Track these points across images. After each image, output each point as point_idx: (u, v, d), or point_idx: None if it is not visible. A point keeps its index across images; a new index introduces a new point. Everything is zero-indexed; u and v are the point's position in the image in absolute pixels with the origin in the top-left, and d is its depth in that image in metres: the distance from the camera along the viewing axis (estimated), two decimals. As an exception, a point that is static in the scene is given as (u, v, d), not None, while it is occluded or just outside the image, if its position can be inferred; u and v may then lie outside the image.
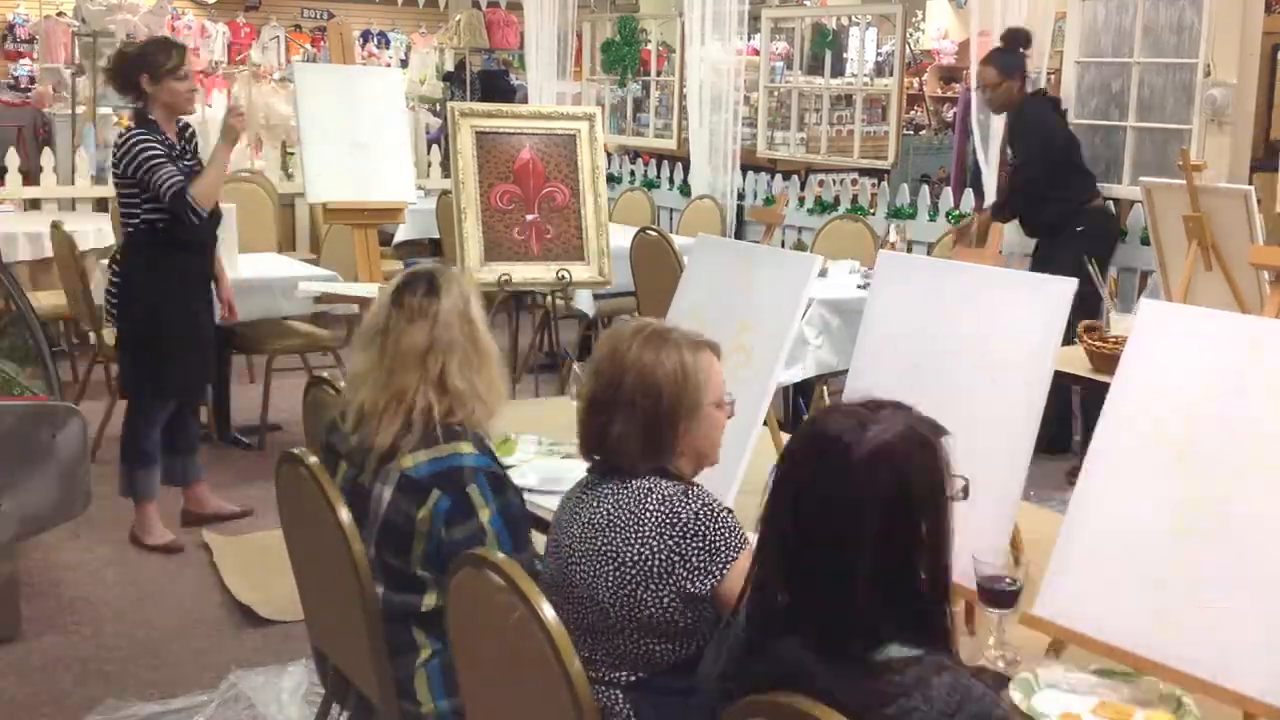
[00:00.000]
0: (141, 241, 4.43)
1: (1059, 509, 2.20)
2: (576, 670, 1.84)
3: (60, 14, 11.57)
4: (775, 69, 9.34)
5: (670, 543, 1.98)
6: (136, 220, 4.40)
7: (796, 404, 5.69)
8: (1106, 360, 3.85)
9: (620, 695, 2.01)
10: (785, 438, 2.89)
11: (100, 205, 7.70)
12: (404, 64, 13.24)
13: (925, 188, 7.14)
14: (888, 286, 2.58)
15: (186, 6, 13.84)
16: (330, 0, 15.62)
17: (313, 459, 2.44)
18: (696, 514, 1.99)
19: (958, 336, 2.38)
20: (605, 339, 2.14)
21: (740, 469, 2.61)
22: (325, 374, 3.08)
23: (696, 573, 1.97)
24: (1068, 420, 5.53)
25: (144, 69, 4.36)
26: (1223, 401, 1.99)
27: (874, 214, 7.13)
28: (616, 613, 1.99)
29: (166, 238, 4.41)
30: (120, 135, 4.46)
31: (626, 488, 2.05)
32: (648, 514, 2.01)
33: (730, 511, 2.05)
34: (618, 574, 1.99)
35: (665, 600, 1.97)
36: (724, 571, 1.97)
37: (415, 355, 2.41)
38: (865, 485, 1.51)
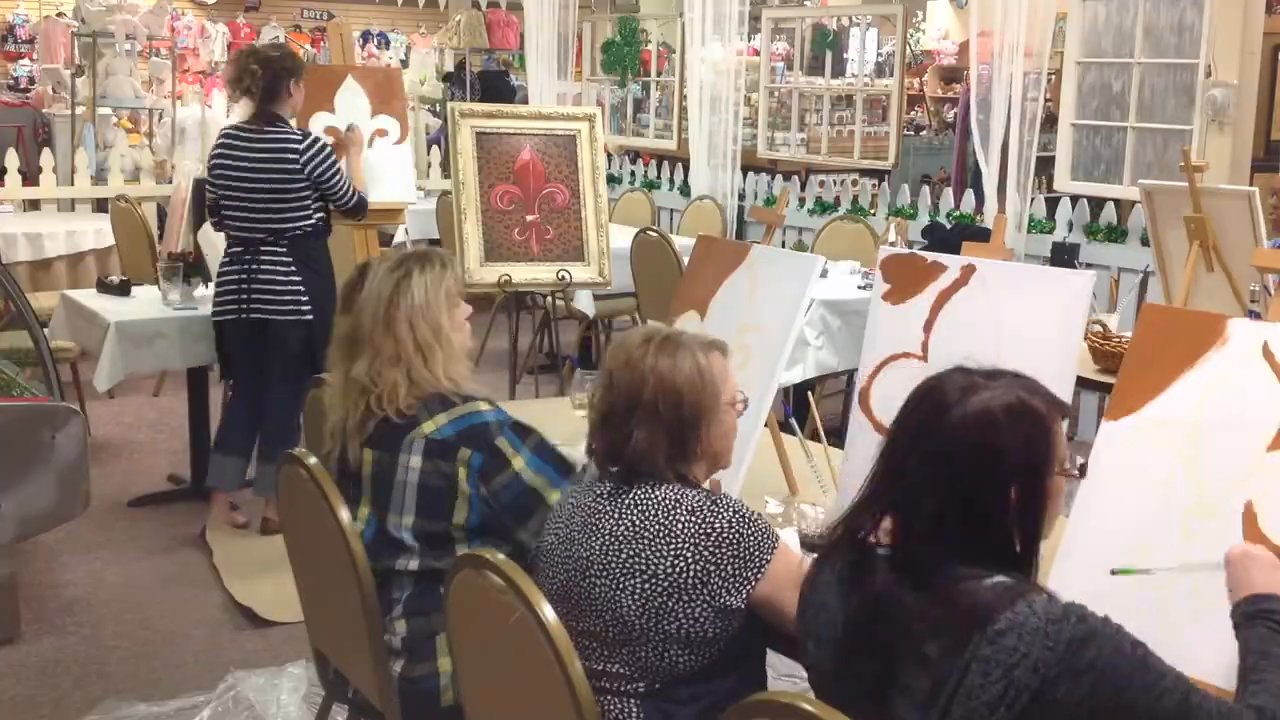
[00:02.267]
0: (314, 238, 4.58)
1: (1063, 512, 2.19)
2: (577, 672, 1.83)
3: (60, 14, 11.56)
4: (776, 69, 9.34)
5: (705, 553, 1.94)
6: (310, 218, 4.53)
7: (798, 405, 5.67)
8: (1109, 358, 3.85)
9: (635, 705, 1.99)
10: (785, 439, 2.90)
11: (100, 206, 7.69)
12: (404, 64, 13.23)
13: (926, 188, 7.14)
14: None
15: (186, 7, 13.83)
16: (330, 0, 15.60)
17: (312, 459, 2.44)
18: (730, 522, 1.96)
19: (972, 333, 2.37)
20: (616, 349, 2.10)
21: (742, 472, 2.60)
22: (325, 375, 3.07)
23: (731, 581, 1.94)
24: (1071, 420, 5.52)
25: (295, 74, 4.53)
26: (1228, 406, 1.99)
27: (874, 215, 7.12)
28: (642, 624, 1.95)
29: (323, 233, 4.64)
30: (300, 136, 4.51)
31: (652, 498, 2.01)
32: (678, 525, 1.97)
33: (760, 515, 2.02)
34: (647, 586, 1.95)
35: (697, 611, 1.94)
36: (759, 576, 1.95)
37: (344, 344, 2.50)
38: (956, 443, 1.58)
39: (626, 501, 2.02)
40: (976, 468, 1.57)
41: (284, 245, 4.50)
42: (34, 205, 7.76)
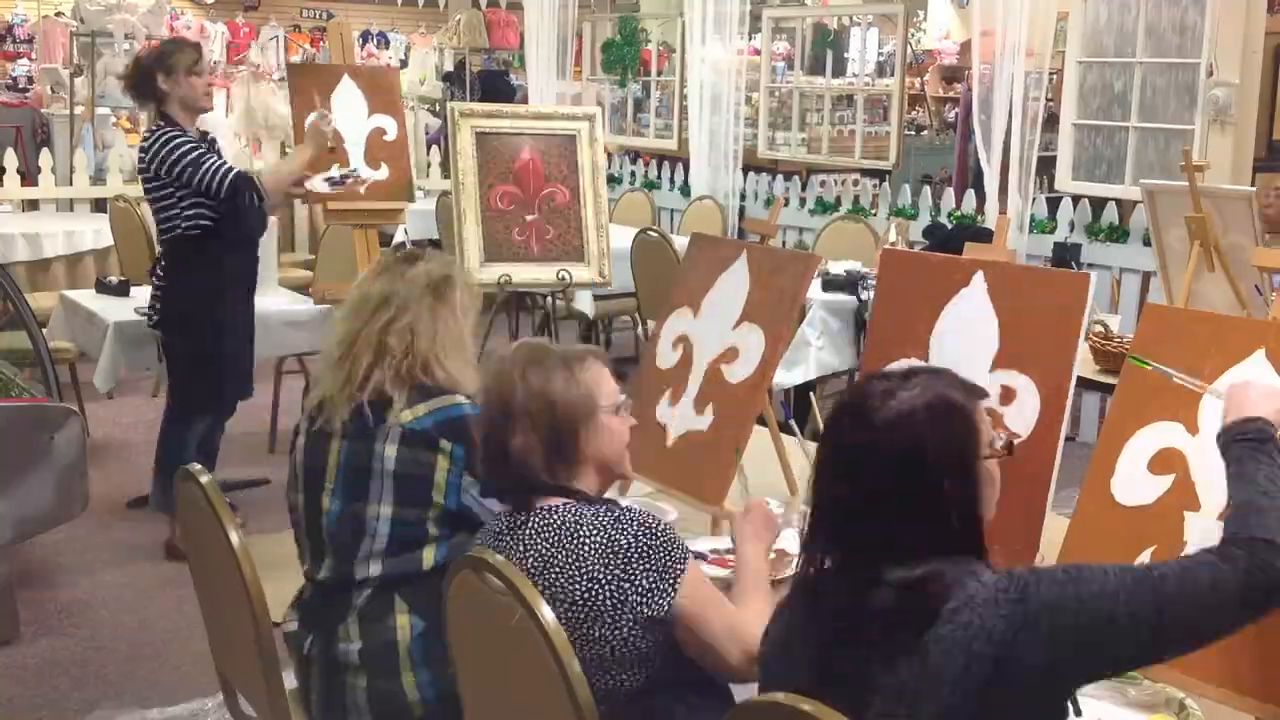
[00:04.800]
0: (189, 248, 4.30)
1: (1065, 513, 2.18)
2: (576, 673, 1.82)
3: (59, 14, 11.56)
4: (776, 69, 9.33)
5: (617, 572, 1.92)
6: (179, 224, 4.27)
7: (799, 406, 5.66)
8: (1111, 359, 3.83)
9: None
10: (785, 439, 2.89)
11: (99, 206, 7.68)
12: (404, 64, 13.21)
13: (927, 188, 7.13)
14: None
15: (185, 6, 13.82)
16: (330, 0, 15.59)
17: (206, 476, 2.32)
18: (636, 536, 1.94)
19: (973, 334, 2.36)
20: (486, 364, 2.11)
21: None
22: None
23: (649, 595, 1.92)
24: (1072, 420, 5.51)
25: (159, 68, 4.27)
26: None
27: (875, 215, 7.12)
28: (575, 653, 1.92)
29: (215, 239, 4.30)
30: (146, 137, 4.30)
31: (552, 524, 1.98)
32: (585, 548, 1.94)
33: (667, 526, 1.99)
34: (568, 615, 1.92)
35: (624, 631, 1.92)
36: (675, 587, 1.92)
37: (370, 304, 2.44)
38: (884, 448, 1.59)
39: (528, 530, 2.00)
40: (907, 469, 1.58)
41: (164, 249, 4.38)
42: (32, 205, 7.75)
